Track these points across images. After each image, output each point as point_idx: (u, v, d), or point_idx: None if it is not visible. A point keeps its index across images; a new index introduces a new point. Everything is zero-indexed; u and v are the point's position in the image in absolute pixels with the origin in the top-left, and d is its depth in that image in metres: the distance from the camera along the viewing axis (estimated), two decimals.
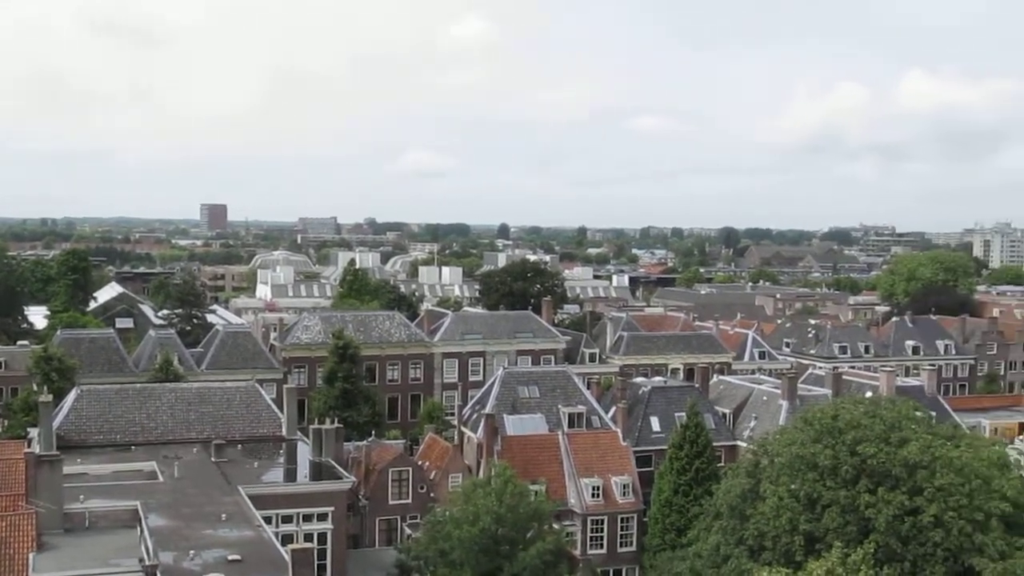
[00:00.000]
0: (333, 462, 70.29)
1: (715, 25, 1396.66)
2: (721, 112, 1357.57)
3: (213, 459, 68.58)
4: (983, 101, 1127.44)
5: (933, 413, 74.28)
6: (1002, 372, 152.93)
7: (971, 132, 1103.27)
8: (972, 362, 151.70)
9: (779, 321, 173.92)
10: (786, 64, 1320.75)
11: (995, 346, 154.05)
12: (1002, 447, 65.79)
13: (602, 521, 79.82)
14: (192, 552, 47.84)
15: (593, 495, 79.69)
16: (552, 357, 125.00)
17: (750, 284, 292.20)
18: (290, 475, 69.88)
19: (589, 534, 79.31)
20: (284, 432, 75.75)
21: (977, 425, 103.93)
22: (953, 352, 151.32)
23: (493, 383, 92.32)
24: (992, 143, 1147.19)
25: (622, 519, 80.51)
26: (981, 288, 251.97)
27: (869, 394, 79.75)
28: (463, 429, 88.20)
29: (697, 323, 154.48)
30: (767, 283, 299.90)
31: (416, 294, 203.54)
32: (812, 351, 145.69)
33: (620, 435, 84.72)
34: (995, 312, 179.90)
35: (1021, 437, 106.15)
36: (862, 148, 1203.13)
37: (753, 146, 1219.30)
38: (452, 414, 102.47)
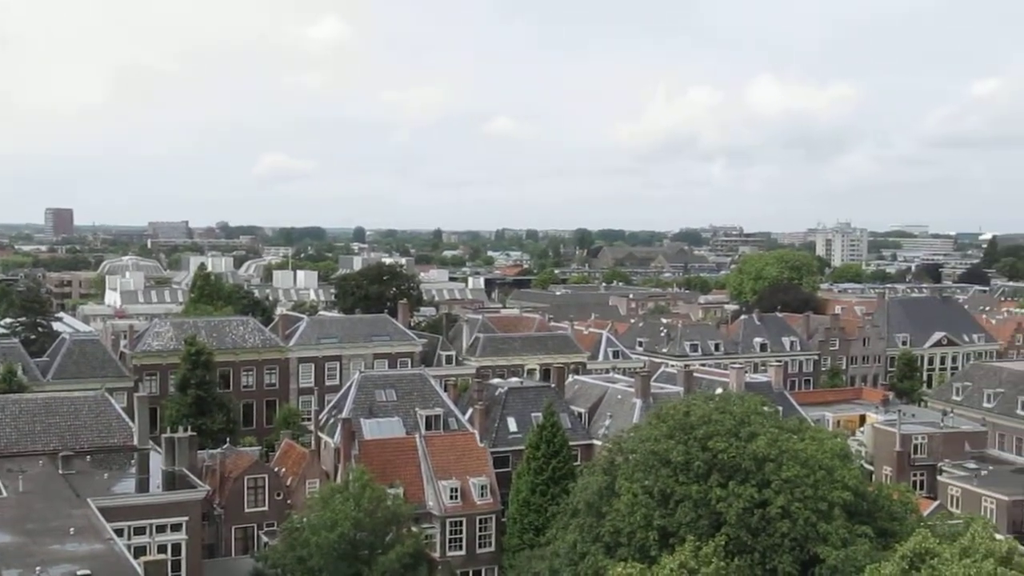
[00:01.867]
0: (187, 471, 68.93)
1: (573, 28, 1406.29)
2: (579, 114, 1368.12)
3: (60, 471, 66.52)
4: (828, 106, 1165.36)
5: (780, 408, 76.88)
6: (844, 367, 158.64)
7: (816, 135, 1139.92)
8: (816, 357, 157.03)
9: (632, 321, 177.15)
10: (643, 68, 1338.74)
11: (837, 342, 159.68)
12: (843, 439, 68.23)
13: (461, 523, 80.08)
14: (39, 568, 46.33)
15: (451, 497, 79.90)
16: (409, 360, 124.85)
17: (604, 285, 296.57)
18: (142, 485, 68.20)
19: (448, 536, 79.49)
20: (135, 442, 73.91)
21: (821, 418, 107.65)
22: (798, 348, 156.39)
23: (350, 387, 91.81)
24: (835, 146, 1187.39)
25: (480, 520, 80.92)
26: (824, 286, 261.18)
27: (719, 390, 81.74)
28: (320, 434, 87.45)
29: (552, 324, 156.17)
30: (620, 283, 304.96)
31: (270, 299, 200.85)
32: (664, 349, 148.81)
33: (477, 436, 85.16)
34: (837, 309, 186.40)
35: (862, 429, 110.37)
36: (715, 151, 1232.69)
37: (609, 148, 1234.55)
38: (308, 419, 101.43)
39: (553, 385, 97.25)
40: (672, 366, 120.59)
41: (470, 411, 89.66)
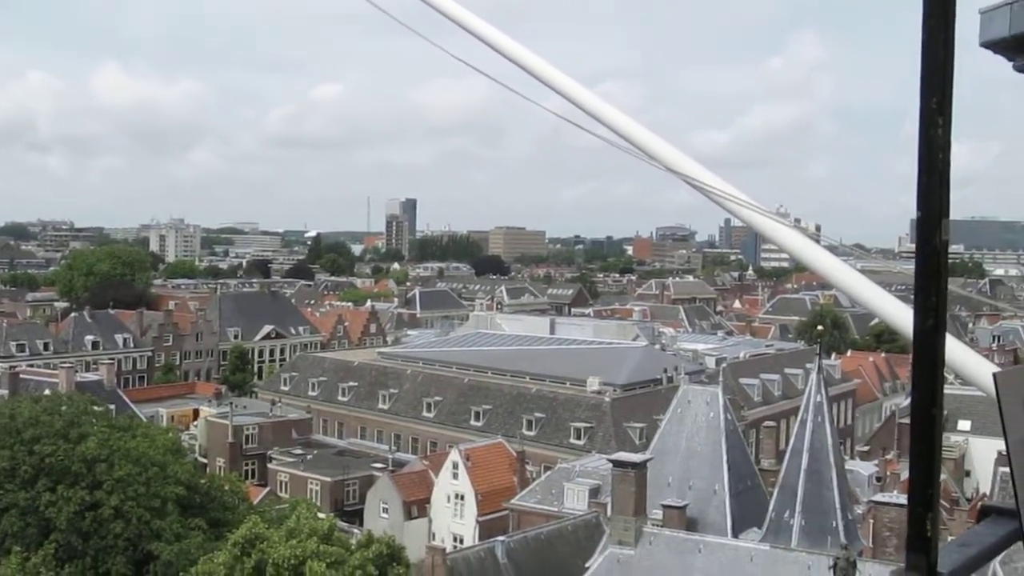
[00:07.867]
0: None
1: None
2: None
3: None
4: (176, 100, 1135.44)
5: (112, 406, 76.17)
6: (178, 362, 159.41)
7: (163, 130, 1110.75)
8: (150, 354, 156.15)
9: None
10: None
11: (171, 337, 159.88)
12: (176, 434, 69.44)
13: None
14: None
15: None
16: None
17: None
18: None
19: None
20: None
21: (155, 414, 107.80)
22: (132, 345, 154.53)
23: None
24: (182, 142, 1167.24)
25: None
26: (158, 282, 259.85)
27: (48, 392, 79.05)
28: None
29: None
30: None
31: None
32: None
33: None
34: (171, 305, 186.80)
35: (195, 423, 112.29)
36: (54, 141, 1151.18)
37: None
38: None
39: None
40: None
41: None
